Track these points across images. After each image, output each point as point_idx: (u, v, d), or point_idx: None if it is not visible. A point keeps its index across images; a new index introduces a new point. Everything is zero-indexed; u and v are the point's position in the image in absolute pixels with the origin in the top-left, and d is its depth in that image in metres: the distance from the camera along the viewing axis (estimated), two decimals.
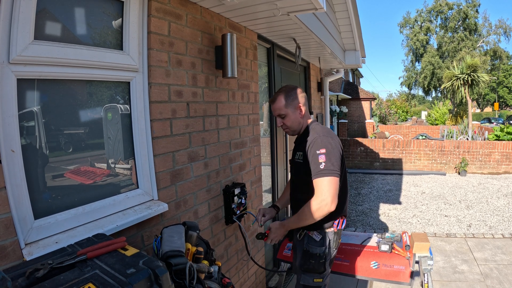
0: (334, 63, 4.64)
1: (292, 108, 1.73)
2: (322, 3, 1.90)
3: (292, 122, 1.75)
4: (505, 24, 35.89)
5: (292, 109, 1.73)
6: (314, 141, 1.61)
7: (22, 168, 1.08)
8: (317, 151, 1.55)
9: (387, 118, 23.11)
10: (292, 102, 1.72)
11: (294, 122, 1.75)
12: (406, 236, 2.48)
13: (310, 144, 1.61)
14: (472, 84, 14.33)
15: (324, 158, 1.53)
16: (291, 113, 1.73)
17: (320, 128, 1.72)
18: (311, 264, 1.70)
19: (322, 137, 1.61)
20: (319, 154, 1.54)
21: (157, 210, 1.49)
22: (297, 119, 1.75)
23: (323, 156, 1.54)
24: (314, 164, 1.55)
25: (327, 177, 1.52)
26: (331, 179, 1.52)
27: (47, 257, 0.91)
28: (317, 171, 1.53)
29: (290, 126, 1.76)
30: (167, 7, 1.60)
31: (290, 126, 1.77)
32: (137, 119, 1.52)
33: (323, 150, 1.55)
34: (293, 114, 1.73)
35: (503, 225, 4.74)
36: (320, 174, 1.53)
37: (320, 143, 1.58)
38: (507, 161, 8.33)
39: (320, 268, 1.71)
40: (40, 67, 1.13)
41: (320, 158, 1.54)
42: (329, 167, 1.52)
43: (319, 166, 1.53)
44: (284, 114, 1.73)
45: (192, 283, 0.97)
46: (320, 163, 1.53)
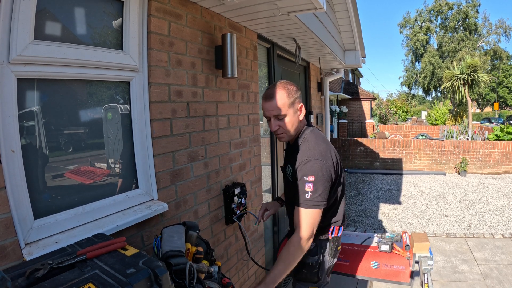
0: (334, 63, 4.64)
1: (294, 109, 1.48)
2: (322, 3, 1.90)
3: (291, 126, 1.49)
4: (505, 24, 35.90)
5: (293, 110, 1.47)
6: (304, 163, 1.40)
7: (22, 168, 1.07)
8: (304, 177, 1.38)
9: (387, 118, 23.12)
10: (294, 100, 1.48)
11: (293, 126, 1.50)
12: (406, 236, 2.48)
13: (299, 165, 1.42)
14: (472, 84, 14.34)
15: (312, 187, 1.36)
16: (291, 115, 1.47)
17: (313, 144, 1.47)
18: (303, 273, 1.58)
19: (314, 161, 1.39)
20: (306, 181, 1.37)
21: (157, 210, 1.49)
22: (296, 122, 1.51)
23: (310, 184, 1.36)
24: (300, 190, 1.39)
25: (309, 209, 1.37)
26: (312, 212, 1.37)
27: (47, 257, 0.91)
28: (301, 199, 1.38)
29: (288, 131, 1.49)
30: (167, 7, 1.60)
31: (287, 131, 1.49)
32: (137, 119, 1.52)
33: (311, 177, 1.36)
34: (294, 116, 1.49)
35: (503, 225, 4.74)
36: (303, 204, 1.38)
37: (309, 168, 1.38)
38: (507, 161, 8.33)
39: (314, 278, 1.58)
40: (40, 67, 1.13)
41: (307, 186, 1.37)
42: (314, 198, 1.36)
43: (305, 195, 1.37)
44: (283, 115, 1.46)
45: (192, 283, 0.97)
46: (306, 192, 1.36)
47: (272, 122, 1.49)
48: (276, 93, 1.45)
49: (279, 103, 1.44)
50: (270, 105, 1.46)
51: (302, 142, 1.50)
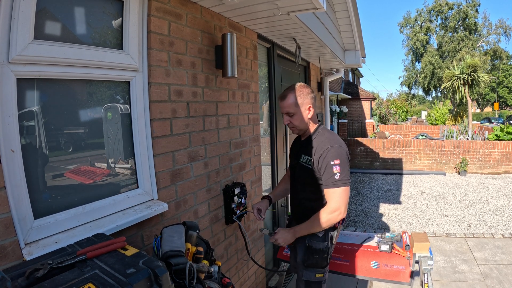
0: (334, 63, 4.64)
1: (302, 107, 1.75)
2: (322, 2, 1.90)
3: (300, 122, 1.77)
4: (505, 24, 35.89)
5: (301, 108, 1.75)
6: (328, 151, 1.64)
7: (22, 168, 1.07)
8: (331, 162, 1.61)
9: (387, 118, 23.12)
10: (303, 101, 1.74)
11: (302, 122, 1.78)
12: (406, 236, 2.48)
13: (323, 153, 1.65)
14: (472, 84, 14.34)
15: (339, 168, 1.60)
16: (300, 112, 1.75)
17: (329, 134, 1.76)
18: (314, 259, 1.75)
19: (336, 147, 1.65)
20: (334, 165, 1.60)
21: (157, 210, 1.49)
22: (305, 119, 1.78)
23: (337, 167, 1.60)
24: (328, 173, 1.62)
25: (341, 187, 1.60)
26: (344, 189, 1.60)
27: (47, 257, 0.91)
28: (331, 181, 1.60)
29: (298, 126, 1.79)
30: (167, 7, 1.59)
31: (297, 126, 1.79)
32: (137, 119, 1.52)
33: (337, 161, 1.61)
34: (302, 114, 1.76)
35: (503, 225, 4.74)
36: (334, 184, 1.60)
37: (334, 153, 1.63)
38: (507, 161, 8.33)
39: (323, 263, 1.77)
40: (40, 67, 1.13)
41: (334, 168, 1.60)
42: (343, 178, 1.60)
43: (334, 177, 1.60)
44: (293, 113, 1.75)
45: (192, 283, 0.97)
46: (335, 174, 1.60)
47: (284, 117, 1.81)
48: (287, 94, 1.74)
49: (288, 103, 1.74)
50: (282, 104, 1.77)
51: (318, 135, 1.77)
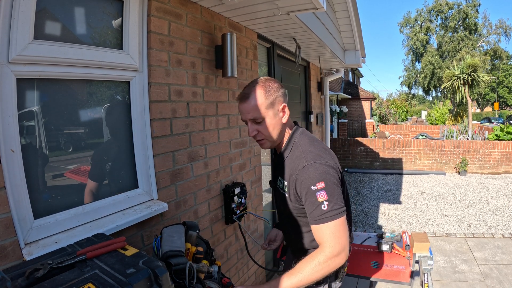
0: (334, 63, 4.64)
1: (274, 110, 1.23)
2: (322, 2, 1.90)
3: (272, 130, 1.24)
4: (505, 24, 35.91)
5: (273, 111, 1.23)
6: (304, 171, 1.15)
7: (22, 168, 1.07)
8: (312, 187, 1.12)
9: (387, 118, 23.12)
10: (274, 100, 1.22)
11: (274, 130, 1.25)
12: (406, 236, 2.48)
13: (298, 176, 1.17)
14: (472, 84, 14.33)
15: (325, 195, 1.11)
16: (271, 118, 1.23)
17: (307, 144, 1.25)
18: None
19: (315, 164, 1.15)
20: (316, 191, 1.12)
21: (157, 210, 1.49)
22: (279, 126, 1.26)
23: (322, 193, 1.11)
24: (311, 204, 1.13)
25: (332, 221, 1.11)
26: (337, 222, 1.11)
27: (47, 257, 0.91)
28: (318, 214, 1.12)
29: (269, 136, 1.26)
30: (167, 7, 1.59)
31: (268, 136, 1.26)
32: (137, 119, 1.52)
33: (321, 183, 1.12)
34: (274, 118, 1.24)
35: (503, 225, 4.74)
36: (322, 219, 1.12)
37: (314, 174, 1.13)
38: (507, 161, 8.33)
39: None
40: (40, 67, 1.13)
41: (319, 196, 1.12)
42: (333, 207, 1.11)
43: (320, 208, 1.11)
44: (261, 118, 1.22)
45: (192, 283, 0.97)
46: (321, 203, 1.11)
47: (250, 126, 1.25)
48: (251, 93, 1.22)
49: (255, 105, 1.21)
50: (245, 107, 1.22)
51: (293, 148, 1.27)
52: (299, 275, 1.11)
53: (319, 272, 1.11)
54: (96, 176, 1.39)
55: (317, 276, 1.12)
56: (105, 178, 1.44)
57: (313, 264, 1.10)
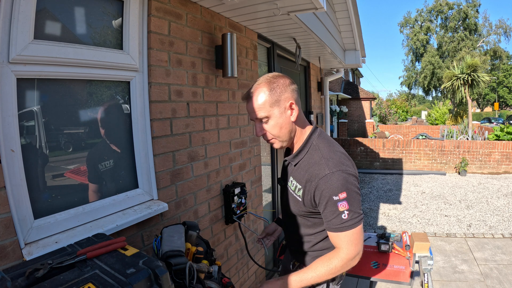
0: (334, 63, 4.64)
1: (280, 108, 1.17)
2: (322, 2, 1.90)
3: (279, 129, 1.19)
4: (505, 24, 35.92)
5: (279, 109, 1.17)
6: (326, 180, 1.10)
7: (22, 168, 1.07)
8: (334, 197, 1.09)
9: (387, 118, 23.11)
10: (280, 97, 1.17)
11: (282, 130, 1.20)
12: (406, 236, 2.48)
13: (319, 184, 1.12)
14: (472, 84, 14.33)
15: (346, 205, 1.09)
16: (277, 116, 1.18)
17: (327, 149, 1.19)
18: None
19: (339, 173, 1.10)
20: (338, 201, 1.09)
21: (157, 210, 1.49)
22: (287, 125, 1.20)
23: (344, 203, 1.09)
24: (331, 213, 1.12)
25: (351, 229, 1.11)
26: (356, 230, 1.12)
27: (47, 257, 0.91)
28: (337, 223, 1.11)
29: (277, 136, 1.21)
30: (167, 7, 1.59)
31: (277, 136, 1.21)
32: (137, 119, 1.52)
33: (343, 194, 1.09)
34: (281, 117, 1.18)
35: (503, 225, 4.74)
36: (342, 227, 1.11)
37: (336, 183, 1.09)
38: (507, 161, 8.33)
39: None
40: (40, 67, 1.13)
41: (340, 206, 1.09)
42: (352, 216, 1.10)
43: (341, 217, 1.10)
44: (267, 117, 1.18)
45: (192, 283, 0.97)
46: (342, 213, 1.10)
47: (256, 126, 1.22)
48: (254, 91, 1.18)
49: (257, 103, 1.16)
50: (249, 107, 1.19)
51: (310, 150, 1.21)
52: (313, 273, 1.15)
53: (333, 274, 1.15)
54: (96, 176, 1.39)
55: (329, 276, 1.16)
56: (105, 178, 1.44)
57: (328, 266, 1.14)
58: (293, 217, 1.32)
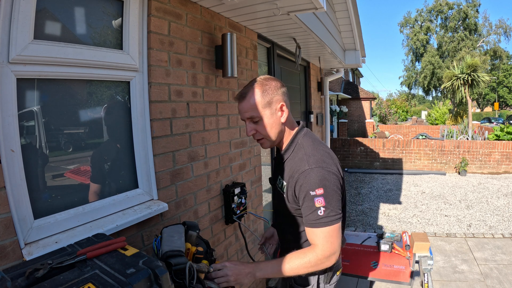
0: (334, 63, 4.64)
1: (272, 109, 1.23)
2: (322, 2, 1.90)
3: (270, 130, 1.24)
4: (505, 24, 35.93)
5: (270, 111, 1.23)
6: (305, 175, 1.15)
7: (22, 168, 1.07)
8: (311, 192, 1.13)
9: (387, 118, 23.11)
10: (272, 99, 1.22)
11: (272, 130, 1.25)
12: (406, 236, 2.48)
13: (299, 179, 1.17)
14: (472, 84, 14.33)
15: (323, 201, 1.12)
16: (268, 117, 1.23)
17: (311, 147, 1.24)
18: None
19: (317, 169, 1.15)
20: (315, 196, 1.13)
21: (157, 210, 1.49)
22: (277, 125, 1.25)
23: (320, 199, 1.13)
24: (308, 208, 1.15)
25: (327, 227, 1.13)
26: (331, 228, 1.14)
27: (47, 257, 0.91)
28: (313, 218, 1.14)
29: (267, 136, 1.25)
30: (167, 7, 1.59)
31: (266, 135, 1.25)
32: (137, 119, 1.52)
33: (320, 190, 1.13)
34: (272, 118, 1.24)
35: (503, 225, 4.74)
36: (318, 223, 1.14)
37: (314, 179, 1.14)
38: (507, 161, 8.33)
39: None
40: (39, 67, 1.13)
41: (316, 201, 1.13)
42: (329, 214, 1.13)
43: (317, 213, 1.13)
44: (258, 117, 1.22)
45: (192, 283, 0.97)
46: (318, 209, 1.13)
47: (247, 126, 1.26)
48: (248, 92, 1.23)
49: (250, 104, 1.22)
50: (242, 107, 1.24)
51: (295, 148, 1.27)
52: (287, 265, 1.17)
53: (306, 269, 1.17)
54: (96, 176, 1.39)
55: (302, 272, 1.18)
56: (105, 178, 1.44)
57: (303, 261, 1.16)
58: (283, 216, 1.36)
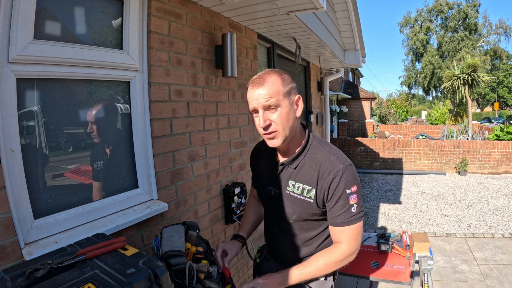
0: (334, 63, 4.64)
1: (290, 100, 1.11)
2: (322, 2, 1.90)
3: (286, 121, 1.10)
4: (505, 24, 35.90)
5: (289, 101, 1.11)
6: (342, 174, 1.11)
7: (22, 168, 1.07)
8: (347, 190, 1.11)
9: (387, 118, 23.11)
10: (291, 90, 1.12)
11: (289, 122, 1.11)
12: (406, 235, 2.48)
13: (334, 178, 1.11)
14: (472, 84, 14.33)
15: (356, 198, 1.12)
16: (287, 107, 1.10)
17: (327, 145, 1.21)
18: None
19: (350, 167, 1.13)
20: (350, 194, 1.11)
21: (157, 210, 1.49)
22: (293, 119, 1.13)
23: (355, 196, 1.12)
24: (341, 207, 1.12)
25: (356, 224, 1.14)
26: (359, 225, 1.15)
27: (47, 257, 0.91)
28: (347, 216, 1.13)
29: (283, 129, 1.11)
30: (167, 7, 1.59)
31: (282, 128, 1.11)
32: (137, 119, 1.52)
33: (355, 187, 1.12)
34: (290, 108, 1.11)
35: (503, 225, 4.74)
36: (350, 221, 1.13)
37: (350, 177, 1.12)
38: (507, 161, 8.33)
39: None
40: (39, 67, 1.13)
41: (351, 199, 1.12)
42: (359, 210, 1.13)
43: (350, 210, 1.12)
44: (277, 106, 1.08)
45: (192, 283, 0.97)
46: (352, 206, 1.12)
47: (262, 115, 1.09)
48: (268, 78, 1.09)
49: (273, 90, 1.08)
50: (260, 92, 1.08)
51: (312, 149, 1.19)
52: (312, 267, 1.15)
53: (331, 267, 1.16)
54: (96, 176, 1.39)
55: (328, 271, 1.17)
56: (105, 178, 1.43)
57: (328, 260, 1.15)
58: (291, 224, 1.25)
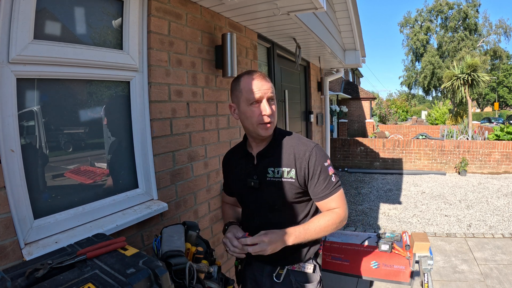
0: (334, 63, 4.64)
1: None
2: (322, 2, 1.90)
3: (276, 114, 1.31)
4: (505, 24, 35.88)
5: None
6: (314, 151, 1.28)
7: (22, 168, 1.07)
8: (324, 163, 1.28)
9: (387, 118, 23.11)
10: None
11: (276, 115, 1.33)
12: (406, 235, 2.48)
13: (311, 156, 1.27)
14: (472, 84, 14.32)
15: (332, 169, 1.30)
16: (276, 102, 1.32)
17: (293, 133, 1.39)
18: None
19: (318, 145, 1.32)
20: (328, 166, 1.28)
21: (157, 210, 1.49)
22: None
23: (331, 168, 1.29)
24: (324, 179, 1.27)
25: (340, 190, 1.31)
26: (342, 190, 1.32)
27: (47, 257, 0.91)
28: (331, 186, 1.28)
29: (275, 119, 1.31)
30: (167, 7, 1.59)
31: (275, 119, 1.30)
32: (137, 119, 1.52)
33: (328, 161, 1.30)
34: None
35: (503, 225, 4.74)
36: (336, 188, 1.29)
37: (323, 153, 1.31)
38: (507, 161, 8.33)
39: None
40: (39, 67, 1.13)
41: (329, 170, 1.29)
42: (338, 179, 1.31)
43: (332, 180, 1.28)
44: (273, 99, 1.29)
45: (192, 283, 0.97)
46: (331, 176, 1.29)
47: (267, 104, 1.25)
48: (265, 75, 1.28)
49: (271, 85, 1.27)
50: (265, 84, 1.24)
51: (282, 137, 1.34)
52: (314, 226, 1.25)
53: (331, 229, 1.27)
54: (96, 176, 1.39)
55: (327, 232, 1.27)
56: (104, 178, 1.43)
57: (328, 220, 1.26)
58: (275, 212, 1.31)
